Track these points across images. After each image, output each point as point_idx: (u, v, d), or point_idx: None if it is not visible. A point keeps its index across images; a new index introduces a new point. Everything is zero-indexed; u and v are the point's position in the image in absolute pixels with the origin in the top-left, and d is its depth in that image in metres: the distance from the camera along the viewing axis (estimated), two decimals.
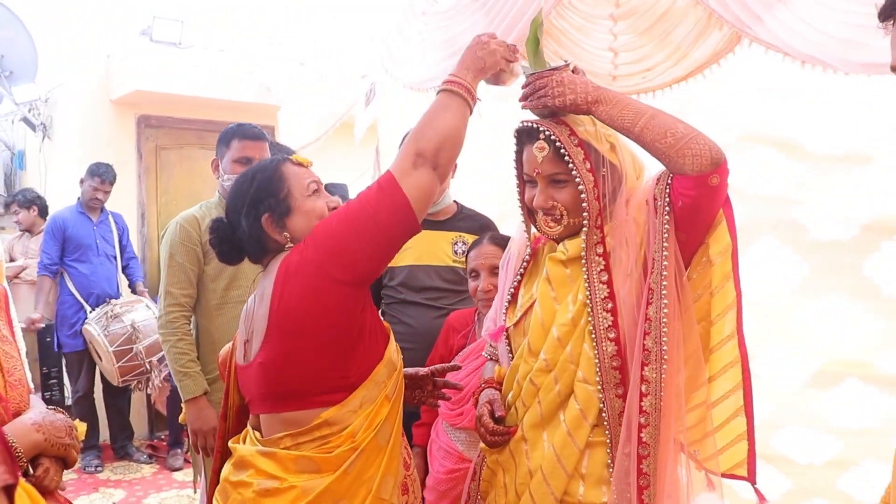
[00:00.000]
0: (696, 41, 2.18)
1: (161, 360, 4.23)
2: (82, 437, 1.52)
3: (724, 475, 1.53)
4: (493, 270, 2.21)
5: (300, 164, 1.58)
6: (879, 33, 1.18)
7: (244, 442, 1.55)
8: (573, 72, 1.56)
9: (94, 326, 4.39)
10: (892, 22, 1.09)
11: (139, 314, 4.46)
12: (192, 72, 5.26)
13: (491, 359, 1.87)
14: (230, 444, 1.57)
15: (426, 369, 1.79)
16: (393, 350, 1.55)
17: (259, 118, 2.78)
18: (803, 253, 2.26)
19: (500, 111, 3.13)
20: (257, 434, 1.52)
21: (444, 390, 1.82)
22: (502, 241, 2.28)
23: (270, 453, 1.45)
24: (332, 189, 5.44)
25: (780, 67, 2.03)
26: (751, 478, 1.52)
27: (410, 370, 1.73)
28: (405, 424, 1.63)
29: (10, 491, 0.94)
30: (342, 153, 4.70)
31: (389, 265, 2.55)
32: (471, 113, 1.56)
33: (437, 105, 1.53)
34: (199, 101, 5.38)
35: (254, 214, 1.51)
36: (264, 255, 1.55)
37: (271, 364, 1.47)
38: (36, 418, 1.38)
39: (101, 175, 4.71)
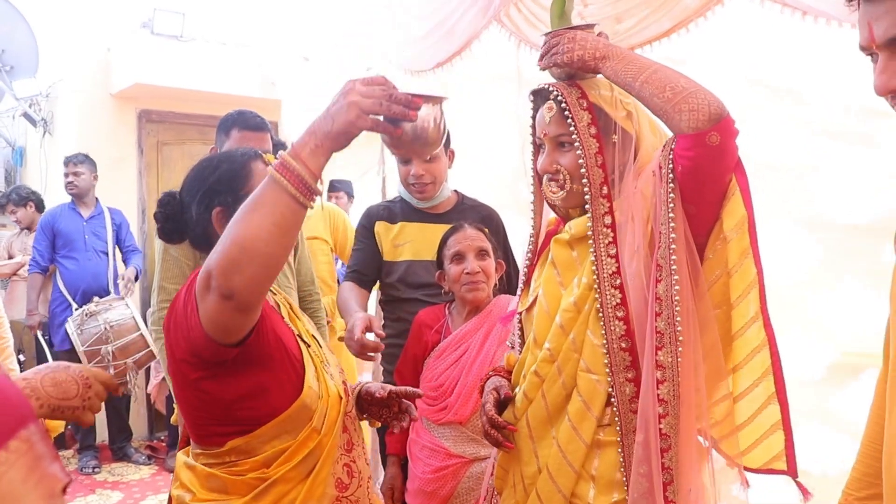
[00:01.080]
0: None
1: (137, 362, 4.09)
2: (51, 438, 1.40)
3: (760, 471, 1.39)
4: (480, 253, 2.12)
5: None
6: None
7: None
8: (598, 35, 1.46)
9: (71, 325, 4.21)
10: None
11: (115, 313, 4.23)
12: (194, 65, 5.16)
13: (513, 348, 1.75)
14: (180, 453, 1.47)
15: (385, 391, 1.52)
16: (308, 393, 1.33)
17: (263, 113, 2.68)
18: (818, 233, 2.10)
19: (495, 95, 2.99)
20: (193, 444, 1.42)
21: (406, 414, 1.58)
22: (483, 227, 2.21)
23: (192, 466, 1.37)
24: (337, 185, 5.38)
25: (777, 20, 1.86)
26: (791, 471, 1.38)
27: (374, 387, 1.53)
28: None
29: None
30: (346, 149, 4.58)
31: (386, 259, 2.44)
32: (306, 206, 1.13)
33: (249, 200, 1.13)
34: (200, 96, 5.28)
35: (206, 204, 1.39)
36: (208, 250, 1.28)
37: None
38: None
39: (67, 160, 4.59)
